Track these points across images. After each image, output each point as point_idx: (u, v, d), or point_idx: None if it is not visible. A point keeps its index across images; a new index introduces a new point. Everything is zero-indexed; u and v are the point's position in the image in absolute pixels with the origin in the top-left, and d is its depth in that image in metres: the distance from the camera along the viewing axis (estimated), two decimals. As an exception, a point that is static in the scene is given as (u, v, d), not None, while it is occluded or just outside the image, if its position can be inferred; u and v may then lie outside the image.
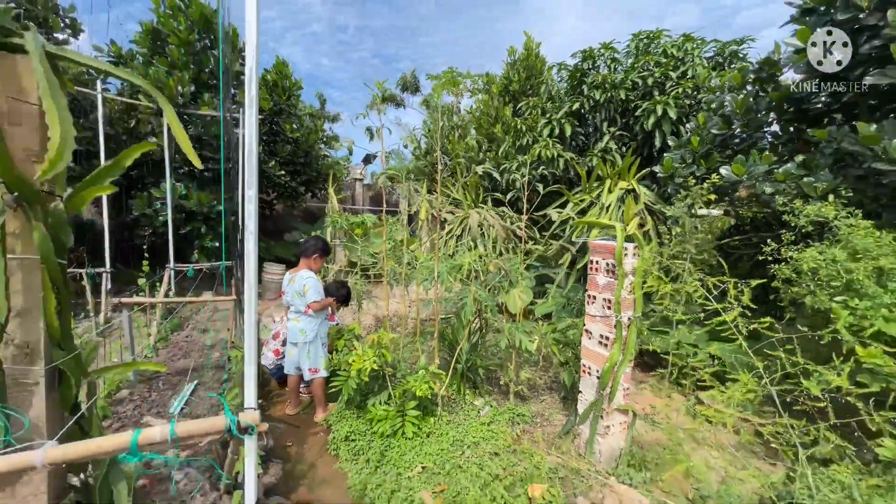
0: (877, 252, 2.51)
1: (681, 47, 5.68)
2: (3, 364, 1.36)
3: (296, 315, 3.13)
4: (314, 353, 3.11)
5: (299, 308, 3.08)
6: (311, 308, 3.02)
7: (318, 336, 3.13)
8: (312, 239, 3.23)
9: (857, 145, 2.81)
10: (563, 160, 5.70)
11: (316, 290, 3.02)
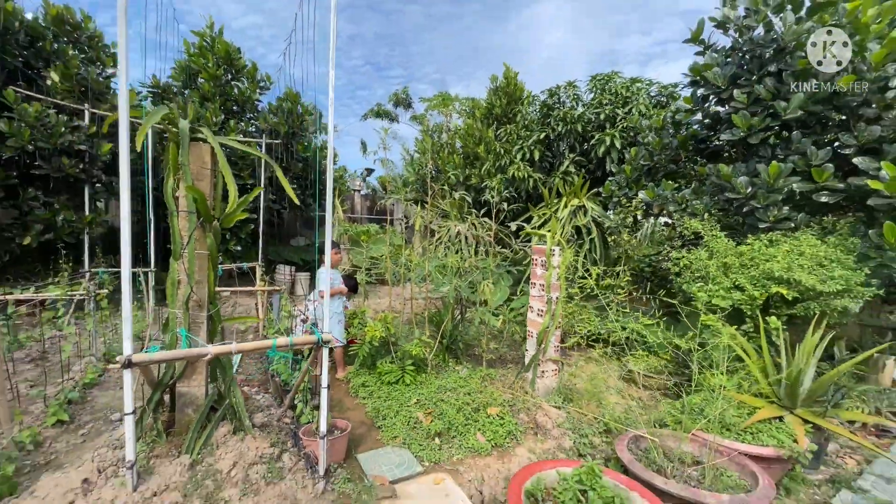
0: (724, 253, 3.71)
1: (629, 88, 6.95)
2: (188, 308, 2.46)
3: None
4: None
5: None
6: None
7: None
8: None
9: (720, 180, 4.03)
10: (532, 180, 6.91)
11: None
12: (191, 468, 2.27)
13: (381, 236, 7.78)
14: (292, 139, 8.02)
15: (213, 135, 2.47)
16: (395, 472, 2.66)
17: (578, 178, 6.10)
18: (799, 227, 3.71)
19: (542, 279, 3.61)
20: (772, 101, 3.71)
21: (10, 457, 2.35)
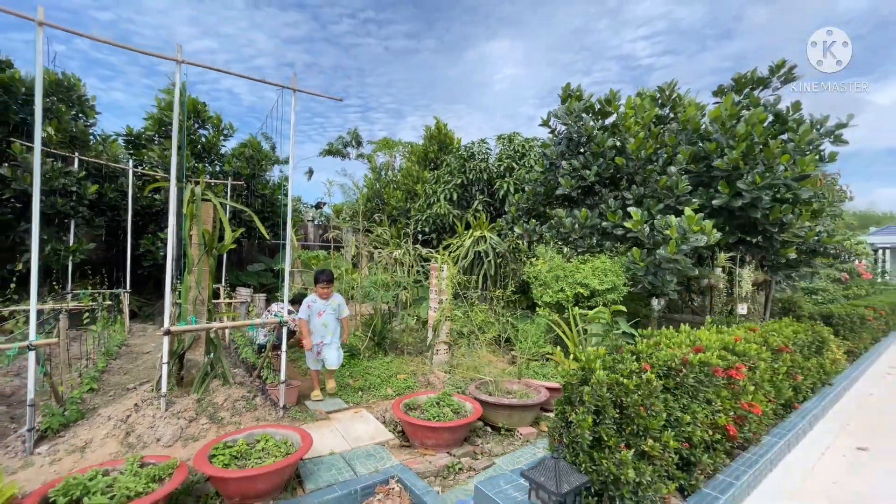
0: (557, 266, 5.64)
1: (525, 145, 9.13)
2: (196, 305, 3.91)
3: (333, 327, 4.40)
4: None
5: (335, 321, 4.44)
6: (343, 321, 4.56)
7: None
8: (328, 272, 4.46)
9: (558, 220, 6.03)
10: (451, 215, 8.79)
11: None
12: (198, 402, 3.68)
13: (329, 260, 9.24)
14: (253, 179, 9.45)
15: (214, 195, 4.02)
16: (329, 408, 4.18)
17: (483, 215, 8.04)
18: (603, 251, 5.74)
19: (435, 287, 5.34)
20: (582, 170, 5.80)
21: (73, 400, 3.64)
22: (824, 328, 4.92)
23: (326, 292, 4.31)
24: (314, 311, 4.31)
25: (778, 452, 2.87)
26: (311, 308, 4.30)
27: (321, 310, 4.33)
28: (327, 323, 4.35)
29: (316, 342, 4.27)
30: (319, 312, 4.31)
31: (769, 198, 4.67)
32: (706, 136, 5.04)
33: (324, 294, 4.29)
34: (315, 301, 4.31)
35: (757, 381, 2.79)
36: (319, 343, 4.30)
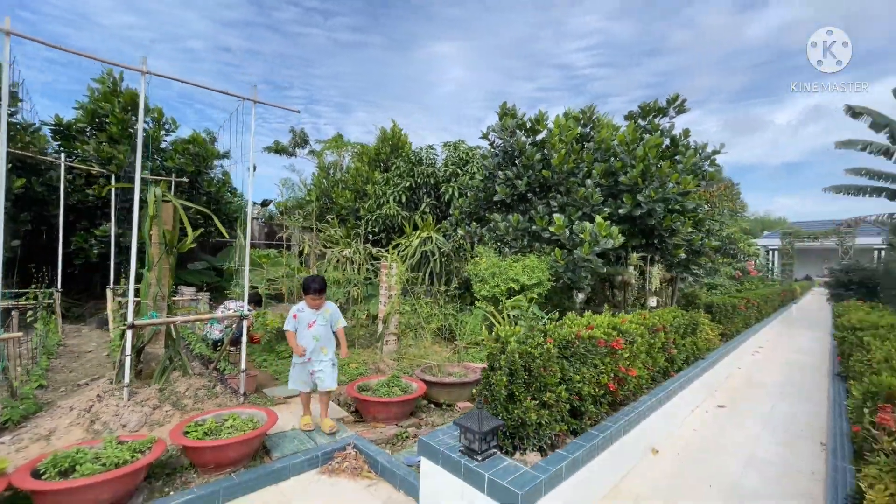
0: (494, 264, 6.39)
1: (469, 153, 9.87)
2: (156, 301, 4.11)
3: (325, 340, 3.72)
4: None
5: (328, 333, 3.74)
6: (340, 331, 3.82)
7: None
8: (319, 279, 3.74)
9: (495, 223, 6.80)
10: (400, 216, 9.32)
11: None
12: (160, 391, 3.92)
13: (278, 259, 9.36)
14: (198, 177, 9.31)
15: (167, 193, 4.25)
16: (287, 394, 4.57)
17: (430, 217, 8.65)
18: (533, 251, 6.58)
19: (385, 283, 5.86)
20: (515, 180, 6.61)
21: (25, 395, 3.73)
22: (701, 314, 6.12)
23: (318, 303, 3.67)
24: (302, 322, 3.66)
25: (650, 406, 3.77)
26: (298, 318, 3.66)
27: (311, 320, 3.65)
28: (318, 335, 3.67)
29: (305, 359, 3.66)
30: (309, 323, 3.65)
31: (662, 209, 5.75)
32: (615, 155, 6.04)
33: (314, 304, 3.67)
34: (303, 310, 3.68)
35: (635, 351, 3.66)
36: (309, 360, 3.67)
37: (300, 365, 3.72)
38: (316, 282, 3.67)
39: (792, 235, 22.57)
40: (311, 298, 3.65)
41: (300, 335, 3.68)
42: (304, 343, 3.64)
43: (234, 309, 5.02)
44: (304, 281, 3.72)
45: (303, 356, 3.64)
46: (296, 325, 3.68)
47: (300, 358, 3.67)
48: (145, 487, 2.79)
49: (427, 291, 7.36)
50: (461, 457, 2.57)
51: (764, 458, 3.73)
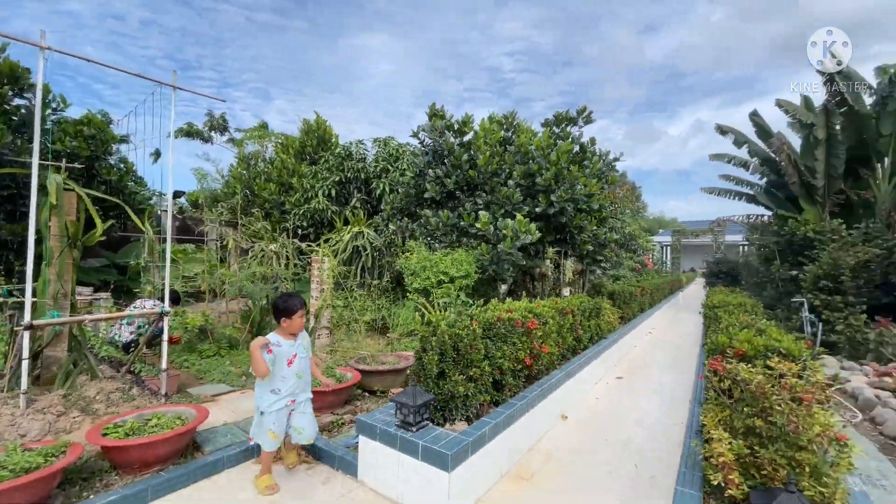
0: (425, 258, 6.70)
1: (399, 149, 10.04)
2: (57, 298, 3.74)
3: (307, 376, 3.08)
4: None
5: (308, 366, 3.06)
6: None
7: None
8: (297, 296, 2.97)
9: (426, 219, 7.11)
10: (330, 211, 9.22)
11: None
12: (64, 397, 3.60)
13: (195, 255, 8.69)
14: (95, 163, 8.31)
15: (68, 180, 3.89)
16: (214, 391, 4.43)
17: (361, 212, 8.69)
18: (461, 246, 7.01)
19: (317, 278, 5.87)
20: (444, 178, 6.98)
21: None
22: (604, 300, 7.04)
23: (299, 326, 2.93)
24: (281, 358, 2.85)
25: (561, 379, 4.36)
26: (275, 353, 2.82)
27: (291, 354, 2.89)
28: (302, 372, 2.97)
29: (285, 403, 2.88)
30: (289, 359, 2.88)
31: (572, 208, 6.49)
32: (533, 159, 6.67)
33: (296, 329, 2.90)
34: (280, 343, 2.86)
35: (547, 331, 4.21)
36: (291, 402, 2.92)
37: (278, 412, 2.84)
38: (298, 301, 2.87)
39: (680, 233, 26.25)
40: (295, 320, 2.86)
41: (278, 376, 2.84)
42: (287, 385, 2.87)
43: (150, 307, 4.71)
44: (281, 300, 2.84)
45: (279, 394, 2.86)
46: (272, 359, 2.80)
47: (278, 401, 2.84)
48: (59, 494, 2.64)
49: (359, 285, 7.44)
50: (397, 430, 2.83)
51: (650, 418, 4.51)
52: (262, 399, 2.87)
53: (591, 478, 3.21)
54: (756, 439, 2.02)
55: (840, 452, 1.94)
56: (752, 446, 2.00)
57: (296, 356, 2.94)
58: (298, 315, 2.89)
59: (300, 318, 2.90)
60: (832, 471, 1.89)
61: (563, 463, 3.42)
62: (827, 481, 1.86)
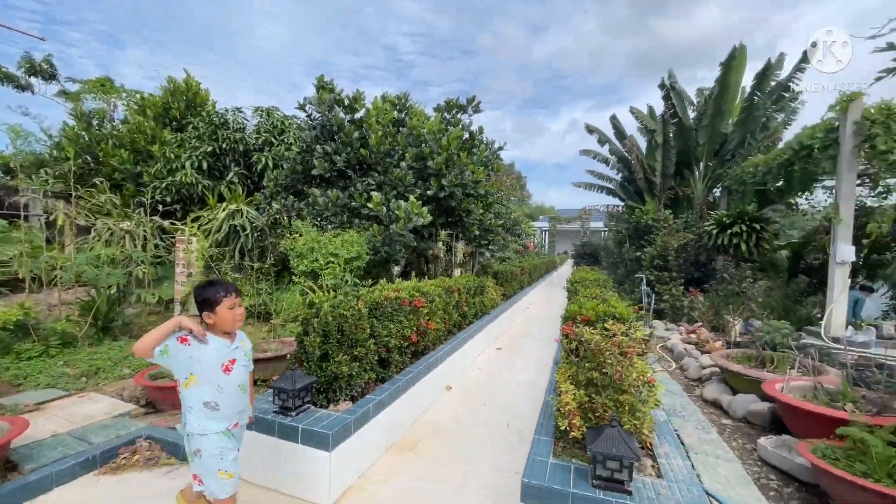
0: (313, 239, 6.38)
1: (284, 122, 9.25)
2: None
3: (247, 399, 2.14)
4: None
5: (246, 382, 2.10)
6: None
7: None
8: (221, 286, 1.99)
9: (314, 198, 6.74)
10: (201, 185, 8.12)
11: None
12: None
13: (10, 234, 6.82)
14: None
15: None
16: (40, 399, 3.65)
17: (239, 188, 7.85)
18: (353, 227, 6.83)
19: (183, 260, 5.17)
20: (334, 155, 6.68)
21: None
22: (488, 279, 7.60)
23: (233, 318, 1.97)
24: (207, 365, 1.90)
25: (446, 353, 4.62)
26: (197, 359, 1.88)
27: (228, 359, 1.97)
28: (245, 384, 2.07)
29: (226, 426, 1.96)
30: (225, 364, 1.95)
31: (461, 192, 6.80)
32: (425, 142, 6.77)
33: (227, 326, 1.97)
34: (203, 345, 1.89)
35: (434, 308, 4.41)
36: (234, 426, 2.00)
37: (218, 436, 1.92)
38: (228, 287, 1.98)
39: (555, 220, 29.51)
40: (221, 314, 1.92)
41: (211, 385, 1.90)
42: (226, 400, 1.94)
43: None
44: (203, 287, 1.97)
45: (216, 409, 1.92)
46: (194, 370, 1.87)
47: (217, 421, 1.91)
48: None
49: (237, 269, 6.77)
50: (275, 416, 2.71)
51: (524, 383, 5.07)
52: (191, 417, 1.88)
53: (469, 440, 3.51)
54: (593, 388, 2.44)
55: (649, 392, 2.47)
56: (591, 395, 2.42)
57: (235, 363, 1.97)
58: (225, 306, 1.92)
59: (229, 310, 1.94)
60: (643, 407, 2.39)
61: (446, 430, 3.67)
62: (639, 415, 2.36)
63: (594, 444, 2.02)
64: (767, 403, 3.83)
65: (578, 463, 2.25)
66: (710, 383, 4.74)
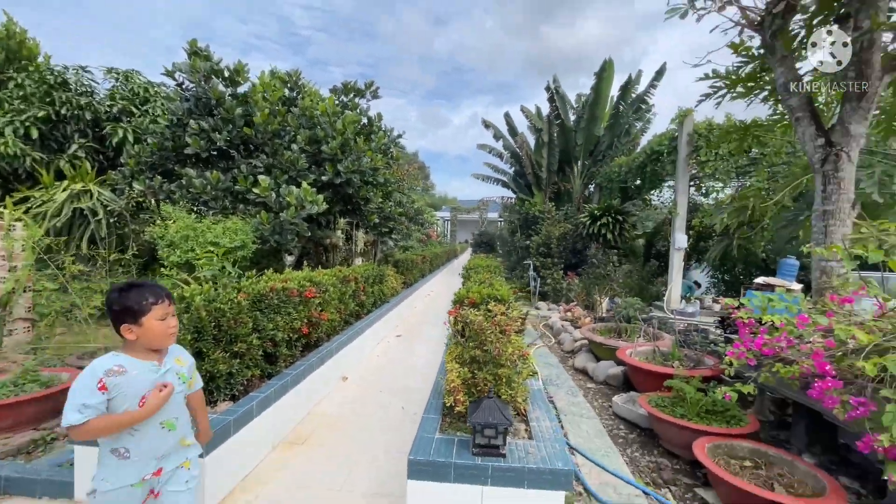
0: (187, 227, 5.65)
1: (149, 89, 7.93)
2: None
3: (184, 427, 1.68)
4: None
5: (185, 410, 1.70)
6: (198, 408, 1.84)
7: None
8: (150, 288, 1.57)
9: (188, 179, 5.96)
10: (29, 159, 6.57)
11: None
12: None
13: None
14: None
15: None
16: None
17: (87, 163, 6.55)
18: (237, 213, 6.21)
19: (4, 251, 4.16)
20: (212, 132, 5.97)
21: None
22: (388, 268, 7.60)
23: (165, 331, 1.56)
24: (128, 394, 1.45)
25: (342, 343, 4.53)
26: (114, 388, 1.43)
27: (151, 384, 1.52)
28: (175, 421, 1.60)
29: (141, 477, 1.51)
30: (143, 397, 1.49)
31: (358, 179, 6.63)
32: (319, 125, 6.44)
33: (157, 341, 1.55)
34: (125, 368, 1.46)
35: (327, 299, 4.28)
36: (154, 474, 1.55)
37: (119, 492, 1.48)
38: (146, 289, 1.55)
39: (456, 210, 30.61)
40: (149, 326, 1.51)
41: (112, 434, 1.47)
42: (144, 444, 1.52)
43: None
44: (115, 298, 1.50)
45: (128, 459, 1.50)
46: (111, 404, 1.44)
47: (127, 473, 1.49)
48: None
49: (88, 261, 5.68)
50: (134, 426, 2.38)
51: (423, 366, 5.22)
52: (97, 471, 1.50)
53: (365, 427, 3.51)
54: (476, 365, 2.63)
55: (524, 365, 2.76)
56: (474, 371, 2.61)
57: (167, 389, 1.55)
58: (155, 316, 1.51)
59: (160, 321, 1.53)
60: (518, 378, 2.67)
61: (341, 421, 3.62)
62: (514, 386, 2.62)
63: (474, 416, 2.20)
64: (621, 367, 4.55)
65: (462, 435, 2.43)
66: (580, 354, 5.45)
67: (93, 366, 1.44)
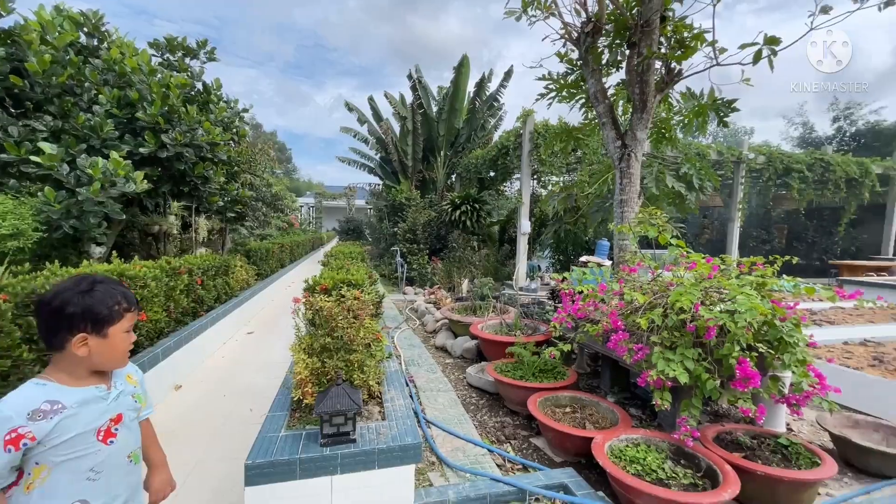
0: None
1: None
2: None
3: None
4: None
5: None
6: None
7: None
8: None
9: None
10: None
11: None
12: None
13: None
14: None
15: None
16: None
17: None
18: (5, 190, 4.67)
19: None
20: (-46, 78, 4.33)
21: None
22: (237, 257, 6.75)
23: (125, 347, 1.11)
24: (74, 440, 0.99)
25: (171, 348, 3.84)
26: (58, 435, 0.96)
27: (108, 418, 1.09)
28: (136, 454, 1.20)
29: None
30: (101, 427, 1.06)
31: (192, 154, 5.65)
32: (132, 85, 5.24)
33: (116, 360, 1.12)
34: (60, 405, 0.97)
35: (147, 295, 3.56)
36: None
37: None
38: (110, 287, 1.13)
39: (321, 196, 28.92)
40: (113, 340, 1.10)
41: (79, 472, 1.03)
42: (105, 487, 1.08)
43: None
44: (85, 295, 1.05)
45: None
46: (32, 456, 0.97)
47: None
48: None
49: None
50: None
51: (274, 363, 4.78)
52: None
53: (203, 436, 3.07)
54: (327, 354, 2.51)
55: (377, 347, 2.75)
56: (324, 360, 2.49)
57: (121, 420, 1.17)
58: (123, 327, 1.15)
59: (126, 333, 1.16)
60: (371, 361, 2.65)
61: (170, 435, 3.07)
62: (367, 370, 2.59)
63: (321, 405, 2.09)
64: (475, 341, 4.95)
65: (311, 428, 2.30)
66: (441, 332, 5.75)
67: (22, 398, 0.99)
